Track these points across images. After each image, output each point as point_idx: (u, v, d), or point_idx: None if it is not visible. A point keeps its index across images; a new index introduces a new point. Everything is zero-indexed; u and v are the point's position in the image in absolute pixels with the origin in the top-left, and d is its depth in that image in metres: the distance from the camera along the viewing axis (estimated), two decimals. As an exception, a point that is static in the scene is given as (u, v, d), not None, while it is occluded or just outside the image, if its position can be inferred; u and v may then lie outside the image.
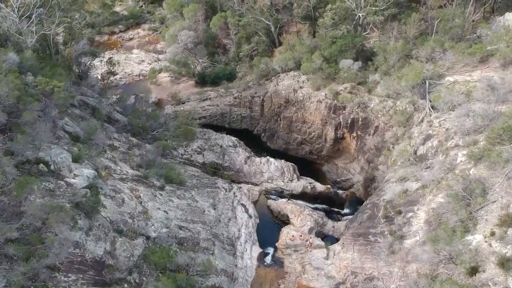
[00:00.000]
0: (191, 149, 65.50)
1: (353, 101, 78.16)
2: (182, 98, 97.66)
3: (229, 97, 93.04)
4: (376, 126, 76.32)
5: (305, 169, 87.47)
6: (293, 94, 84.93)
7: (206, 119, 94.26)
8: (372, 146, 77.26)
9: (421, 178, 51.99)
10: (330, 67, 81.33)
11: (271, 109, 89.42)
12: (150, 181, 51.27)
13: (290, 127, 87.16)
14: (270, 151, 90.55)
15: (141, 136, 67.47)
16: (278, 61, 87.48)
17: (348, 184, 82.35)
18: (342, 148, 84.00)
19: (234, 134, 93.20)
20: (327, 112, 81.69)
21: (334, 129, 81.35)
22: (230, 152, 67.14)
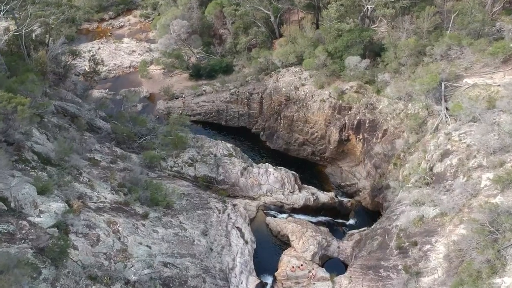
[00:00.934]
0: (182, 161, 58.95)
1: (360, 101, 71.32)
2: (175, 93, 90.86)
3: (226, 92, 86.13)
4: (385, 130, 69.63)
5: (307, 171, 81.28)
6: (295, 92, 77.99)
7: (201, 116, 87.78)
8: (380, 151, 70.66)
9: (439, 203, 45.54)
10: (334, 63, 74.18)
11: (270, 107, 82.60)
12: (131, 208, 44.90)
13: (291, 126, 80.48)
14: (270, 151, 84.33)
15: (127, 144, 60.92)
16: (278, 55, 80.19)
17: (353, 189, 76.11)
18: (347, 150, 77.49)
19: (231, 132, 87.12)
20: (331, 113, 74.93)
21: (338, 130, 74.69)
22: (225, 162, 60.59)
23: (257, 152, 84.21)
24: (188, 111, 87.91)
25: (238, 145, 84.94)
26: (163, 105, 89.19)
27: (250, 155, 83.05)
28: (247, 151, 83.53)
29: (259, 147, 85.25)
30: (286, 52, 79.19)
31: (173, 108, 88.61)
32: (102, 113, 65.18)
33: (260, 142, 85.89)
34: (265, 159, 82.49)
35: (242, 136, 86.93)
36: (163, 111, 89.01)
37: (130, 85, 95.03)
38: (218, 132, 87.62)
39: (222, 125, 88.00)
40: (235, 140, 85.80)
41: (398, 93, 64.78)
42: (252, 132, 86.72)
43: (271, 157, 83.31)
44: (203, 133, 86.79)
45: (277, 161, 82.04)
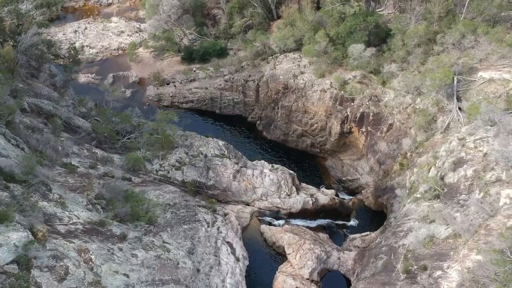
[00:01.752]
0: (168, 164, 53.71)
1: (364, 92, 65.62)
2: (166, 78, 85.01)
3: (220, 79, 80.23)
4: (390, 124, 64.21)
5: (306, 164, 76.39)
6: (293, 80, 72.15)
7: (194, 104, 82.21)
8: (385, 147, 65.42)
9: (452, 221, 40.57)
10: (336, 50, 68.12)
11: (267, 96, 76.90)
12: (107, 229, 39.93)
13: (289, 117, 74.96)
14: (267, 141, 79.07)
15: (109, 144, 55.60)
16: (275, 39, 73.94)
17: (354, 184, 71.21)
18: (349, 142, 72.23)
19: (226, 121, 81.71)
20: (332, 104, 69.30)
21: (340, 123, 69.24)
22: (216, 164, 55.36)
23: (254, 143, 79.00)
24: (180, 98, 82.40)
25: (233, 135, 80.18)
26: (154, 91, 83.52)
27: (246, 147, 78.06)
28: (243, 142, 78.58)
29: (255, 137, 79.97)
30: (284, 37, 72.95)
31: (164, 95, 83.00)
32: (83, 108, 59.49)
33: (256, 131, 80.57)
34: (261, 151, 77.57)
35: (237, 125, 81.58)
36: (153, 97, 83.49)
37: (119, 69, 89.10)
38: (212, 120, 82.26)
39: (216, 113, 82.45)
40: (230, 130, 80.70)
41: (406, 87, 58.99)
42: (248, 121, 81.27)
43: (268, 148, 78.31)
44: (196, 121, 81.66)
45: (275, 153, 77.26)
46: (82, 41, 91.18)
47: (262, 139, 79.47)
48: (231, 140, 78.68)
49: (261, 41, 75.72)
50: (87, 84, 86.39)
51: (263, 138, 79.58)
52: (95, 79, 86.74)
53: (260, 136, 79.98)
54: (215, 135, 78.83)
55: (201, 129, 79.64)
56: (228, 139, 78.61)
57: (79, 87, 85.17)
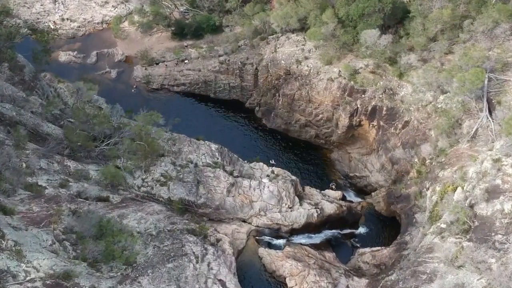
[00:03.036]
0: (152, 179, 46.41)
1: (377, 84, 57.45)
2: (155, 57, 76.32)
3: (214, 60, 71.56)
4: (406, 122, 56.43)
5: (310, 156, 69.08)
6: (296, 66, 63.67)
7: (185, 87, 73.95)
8: (399, 145, 57.91)
9: (485, 270, 33.75)
10: (346, 33, 59.33)
11: (267, 81, 68.58)
12: (74, 282, 33.07)
13: (292, 105, 66.95)
14: (267, 130, 71.39)
15: (84, 153, 48.13)
16: (276, 18, 64.84)
17: (363, 182, 64.18)
18: (358, 134, 64.61)
19: (222, 105, 73.78)
20: (341, 94, 61.21)
21: (348, 116, 61.37)
22: (208, 177, 48.04)
23: (252, 132, 71.36)
24: (170, 81, 74.07)
25: (230, 122, 72.36)
26: (141, 72, 75.04)
27: (244, 136, 70.47)
28: (240, 131, 70.95)
29: (254, 124, 72.24)
30: (286, 15, 63.85)
31: (153, 76, 74.58)
32: (55, 109, 51.38)
33: (255, 118, 72.74)
34: (261, 141, 70.07)
35: (234, 111, 73.65)
36: (141, 79, 75.14)
37: (103, 46, 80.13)
38: (207, 105, 74.28)
39: (211, 98, 74.33)
40: (226, 116, 72.89)
41: (427, 85, 50.78)
42: (246, 106, 73.23)
43: (268, 137, 70.75)
44: (189, 107, 73.72)
45: (275, 143, 69.80)
46: (62, 13, 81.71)
47: (262, 128, 71.80)
48: (227, 128, 71.19)
49: (260, 18, 66.56)
50: (68, 63, 77.87)
51: (262, 126, 71.87)
52: (77, 57, 78.06)
53: (259, 123, 72.22)
54: (209, 122, 71.69)
55: (194, 116, 72.14)
56: (224, 127, 71.29)
57: (59, 67, 76.64)
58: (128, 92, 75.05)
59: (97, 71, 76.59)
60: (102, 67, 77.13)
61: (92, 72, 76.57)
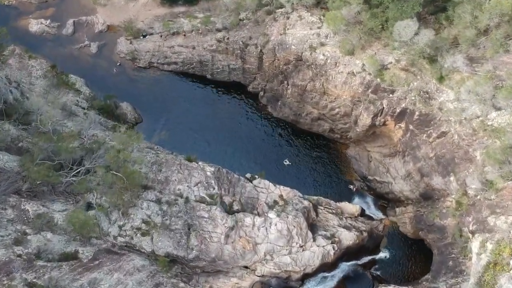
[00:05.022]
0: (132, 227, 36.79)
1: (409, 84, 46.41)
2: (142, 28, 64.23)
3: (211, 36, 59.71)
4: (443, 132, 45.92)
5: (323, 151, 59.44)
6: (310, 53, 52.02)
7: (177, 66, 62.71)
8: (432, 156, 47.83)
9: None
10: (373, 16, 47.19)
11: (273, 65, 57.12)
12: None
13: (303, 96, 56.08)
14: (273, 119, 61.03)
15: (48, 187, 38.32)
16: None
17: (384, 189, 54.85)
18: (380, 132, 54.18)
19: (221, 87, 62.94)
20: (363, 90, 50.22)
21: (371, 116, 50.69)
22: (201, 218, 38.38)
23: (257, 121, 61.16)
24: (160, 58, 62.62)
25: (230, 108, 61.88)
26: (126, 46, 63.40)
27: (247, 127, 60.34)
28: (242, 120, 60.67)
29: (258, 112, 61.85)
30: (298, -12, 51.16)
31: (140, 52, 63.06)
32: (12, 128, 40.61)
33: (259, 104, 62.06)
34: (266, 131, 60.03)
35: (235, 95, 63.05)
36: (125, 55, 63.69)
37: (81, 12, 67.79)
38: (203, 87, 63.45)
39: (207, 78, 63.10)
40: (226, 101, 62.31)
41: (475, 96, 39.81)
42: (248, 90, 62.18)
43: (274, 127, 60.70)
44: (182, 89, 62.88)
45: (282, 134, 59.90)
46: None
47: (267, 116, 61.45)
48: (228, 116, 60.73)
49: (266, -10, 53.94)
50: (41, 35, 66.11)
51: (267, 114, 61.44)
52: (50, 27, 65.99)
53: (264, 111, 61.71)
54: (206, 108, 61.07)
55: (189, 101, 61.52)
56: (224, 115, 60.84)
57: (30, 39, 65.01)
58: (111, 71, 63.75)
59: (75, 45, 65.00)
60: (80, 40, 65.31)
61: (69, 46, 65.03)
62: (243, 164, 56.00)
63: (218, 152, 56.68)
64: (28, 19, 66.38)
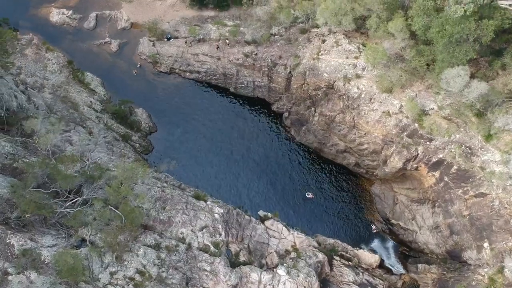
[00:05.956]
0: (124, 276, 32.88)
1: (451, 135, 41.13)
2: (167, 30, 59.83)
3: (238, 49, 55.07)
4: (483, 194, 40.99)
5: (345, 183, 55.03)
6: (343, 84, 47.05)
7: (200, 75, 58.35)
8: (466, 214, 42.92)
9: None
10: (419, 54, 41.87)
11: (302, 89, 52.34)
12: None
13: (330, 126, 51.26)
14: (295, 143, 56.46)
15: (39, 217, 34.65)
16: (325, 12, 46.95)
17: (408, 237, 50.26)
18: (410, 174, 49.19)
19: (244, 102, 58.42)
20: (397, 132, 45.19)
21: (403, 160, 45.68)
22: (202, 271, 34.20)
23: (278, 142, 56.79)
24: (182, 65, 58.31)
25: (252, 124, 57.37)
26: (148, 47, 59.12)
27: (268, 145, 55.89)
28: (263, 139, 56.23)
29: (280, 133, 57.37)
30: (338, 10, 45.98)
31: (162, 56, 58.75)
32: (6, 144, 36.83)
33: (282, 125, 57.43)
34: (288, 156, 55.51)
35: (258, 111, 58.57)
36: (147, 58, 59.41)
37: (105, 6, 63.66)
38: (225, 99, 59.16)
39: (230, 91, 58.64)
40: (248, 116, 57.98)
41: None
42: (272, 109, 57.54)
43: (296, 152, 56.26)
44: (203, 99, 58.58)
45: (304, 160, 55.49)
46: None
47: (289, 139, 56.96)
48: (249, 132, 56.48)
49: (303, 10, 48.70)
50: (61, 26, 62.29)
51: (290, 137, 56.89)
52: (71, 18, 62.07)
53: (287, 133, 57.17)
54: (227, 121, 56.82)
55: (209, 112, 57.54)
56: (244, 130, 56.66)
57: (49, 30, 61.51)
58: (130, 72, 59.71)
59: (95, 40, 61.03)
60: (101, 36, 61.25)
61: (89, 41, 61.09)
62: (259, 191, 52.22)
63: (232, 173, 52.93)
64: (50, 7, 62.61)
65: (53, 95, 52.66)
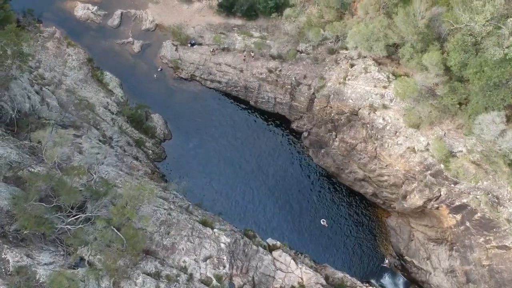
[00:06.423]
0: None
1: (478, 181, 38.47)
2: (191, 35, 57.93)
3: (262, 63, 52.91)
4: (506, 246, 38.32)
5: (360, 212, 52.70)
6: (368, 112, 44.59)
7: (221, 85, 56.32)
8: (485, 264, 40.33)
9: None
10: (452, 92, 39.23)
11: (324, 111, 49.99)
12: None
13: (350, 153, 48.88)
14: (312, 164, 54.21)
15: (38, 233, 33.13)
16: (355, 36, 44.52)
17: (421, 277, 47.85)
18: (429, 211, 46.63)
19: (263, 116, 56.26)
20: (421, 170, 42.66)
21: (424, 200, 43.20)
22: None
23: (295, 161, 54.56)
24: (204, 73, 56.34)
25: (270, 140, 55.19)
26: (171, 52, 57.29)
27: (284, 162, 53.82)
28: (280, 157, 54.19)
29: (298, 152, 55.16)
30: (370, 35, 43.48)
31: (184, 61, 56.84)
32: (12, 151, 35.33)
33: (300, 144, 55.21)
34: (304, 177, 53.36)
35: (277, 128, 56.29)
36: (168, 62, 57.60)
37: (131, 4, 61.90)
38: (245, 111, 56.89)
39: (250, 104, 56.58)
40: (266, 130, 55.79)
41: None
42: (291, 127, 55.37)
43: (312, 174, 54.01)
44: (222, 109, 56.61)
45: (320, 183, 53.13)
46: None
47: (306, 159, 54.62)
48: (265, 147, 54.47)
49: (333, 31, 46.29)
50: (85, 21, 60.71)
51: (307, 157, 54.63)
52: (96, 14, 60.46)
53: (304, 153, 54.87)
54: (244, 133, 54.83)
55: (227, 124, 55.48)
56: (261, 145, 54.61)
57: (72, 24, 59.97)
58: (150, 75, 58.04)
59: (117, 39, 59.34)
60: (124, 35, 59.62)
61: (111, 39, 59.46)
62: (271, 212, 50.48)
63: (244, 190, 51.14)
64: (75, 1, 61.17)
65: (70, 93, 51.24)
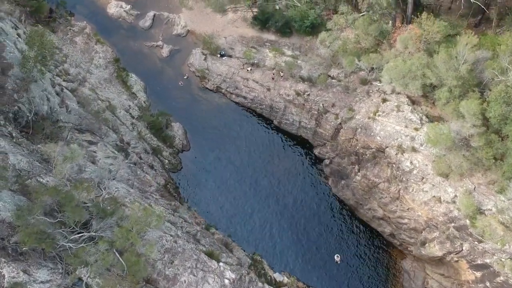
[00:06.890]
0: None
1: (505, 244, 35.94)
2: (222, 46, 56.22)
3: (290, 84, 50.96)
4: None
5: (375, 250, 50.10)
6: (395, 153, 42.21)
7: (246, 101, 54.60)
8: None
9: None
10: (488, 145, 36.62)
11: (349, 143, 47.74)
12: None
13: (371, 191, 46.56)
14: (330, 193, 52.03)
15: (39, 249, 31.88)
16: (391, 72, 42.10)
17: (431, 327, 45.05)
18: (447, 262, 44.03)
19: (285, 137, 54.24)
20: (444, 221, 40.17)
21: (444, 252, 40.73)
22: None
23: (314, 188, 52.33)
24: (230, 87, 54.56)
25: (289, 161, 53.12)
26: (199, 60, 55.69)
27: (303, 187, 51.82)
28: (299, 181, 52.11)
29: (318, 179, 52.93)
30: (407, 72, 40.98)
31: (211, 72, 55.19)
32: (23, 159, 34.07)
33: (321, 171, 53.02)
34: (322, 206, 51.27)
35: (298, 150, 54.11)
36: (195, 71, 56.00)
37: (164, 7, 60.56)
38: (267, 130, 55.04)
39: (273, 124, 54.64)
40: (288, 153, 53.73)
41: None
42: (314, 152, 53.19)
43: (330, 203, 51.82)
44: (245, 124, 54.83)
45: (337, 216, 50.95)
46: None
47: (325, 187, 52.35)
48: (284, 169, 52.49)
49: (369, 62, 43.92)
50: (117, 19, 59.69)
51: (326, 185, 52.35)
52: (129, 13, 59.36)
53: (324, 181, 52.62)
54: (265, 154, 52.95)
55: (248, 140, 53.73)
56: (279, 166, 52.76)
57: (104, 21, 59.13)
58: (175, 82, 56.58)
59: (147, 41, 58.10)
60: (155, 38, 58.31)
61: (140, 41, 58.20)
62: (282, 241, 48.68)
63: (257, 213, 49.31)
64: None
65: (92, 91, 50.08)
